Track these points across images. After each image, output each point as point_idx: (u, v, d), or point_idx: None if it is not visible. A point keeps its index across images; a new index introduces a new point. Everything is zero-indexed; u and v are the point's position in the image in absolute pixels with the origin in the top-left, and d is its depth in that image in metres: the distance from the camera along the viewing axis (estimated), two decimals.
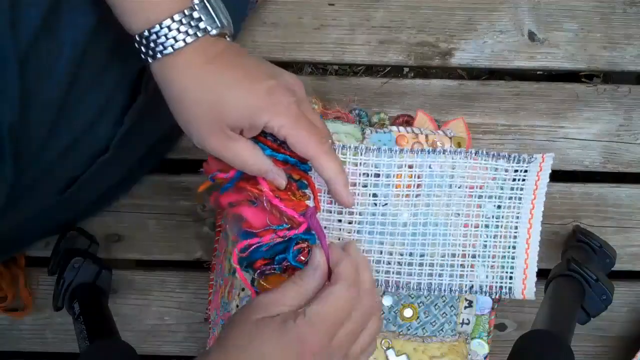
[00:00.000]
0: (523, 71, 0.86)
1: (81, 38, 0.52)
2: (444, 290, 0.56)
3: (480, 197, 0.57)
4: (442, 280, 0.56)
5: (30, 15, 0.48)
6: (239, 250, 0.49)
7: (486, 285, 0.56)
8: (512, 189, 0.57)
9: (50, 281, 0.76)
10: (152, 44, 0.47)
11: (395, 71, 0.88)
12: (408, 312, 0.76)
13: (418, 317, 0.76)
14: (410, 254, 0.55)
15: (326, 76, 0.86)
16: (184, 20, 0.47)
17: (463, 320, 0.77)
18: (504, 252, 0.57)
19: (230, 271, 0.75)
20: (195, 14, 0.48)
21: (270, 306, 0.46)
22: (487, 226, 0.57)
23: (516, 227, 0.57)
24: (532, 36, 0.83)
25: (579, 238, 0.80)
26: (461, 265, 0.57)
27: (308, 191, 0.54)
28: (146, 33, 0.47)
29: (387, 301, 0.76)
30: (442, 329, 0.76)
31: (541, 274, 0.82)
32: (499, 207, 0.57)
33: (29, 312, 0.83)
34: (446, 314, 0.76)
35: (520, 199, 0.57)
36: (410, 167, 0.56)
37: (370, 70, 0.88)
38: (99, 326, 0.69)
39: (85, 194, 0.68)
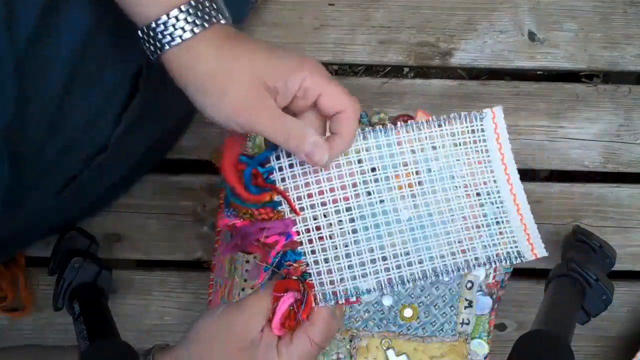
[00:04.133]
0: (523, 71, 0.86)
1: (78, 38, 0.52)
2: (450, 270, 0.53)
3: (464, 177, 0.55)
4: (445, 261, 0.54)
5: (26, 15, 0.48)
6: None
7: (493, 254, 0.54)
8: (477, 151, 0.55)
9: (50, 281, 0.76)
10: (159, 35, 0.47)
11: (395, 71, 0.88)
12: (408, 312, 0.76)
13: (418, 317, 0.76)
14: (407, 253, 0.54)
15: None
16: (191, 10, 0.47)
17: (463, 320, 0.77)
18: (498, 219, 0.55)
19: (232, 272, 0.75)
20: (203, 4, 0.47)
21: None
22: (481, 205, 0.55)
23: (498, 192, 0.55)
24: (532, 36, 0.83)
25: (578, 238, 0.80)
26: (460, 244, 0.55)
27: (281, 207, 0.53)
28: (153, 25, 0.47)
29: (387, 301, 0.76)
30: (442, 329, 0.77)
31: (541, 274, 0.83)
32: (471, 175, 0.55)
33: (29, 312, 0.83)
34: (446, 314, 0.76)
35: (489, 162, 0.55)
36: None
37: (370, 70, 0.88)
38: (99, 326, 0.69)
39: (85, 193, 0.68)
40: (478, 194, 0.55)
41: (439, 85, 0.83)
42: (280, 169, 0.52)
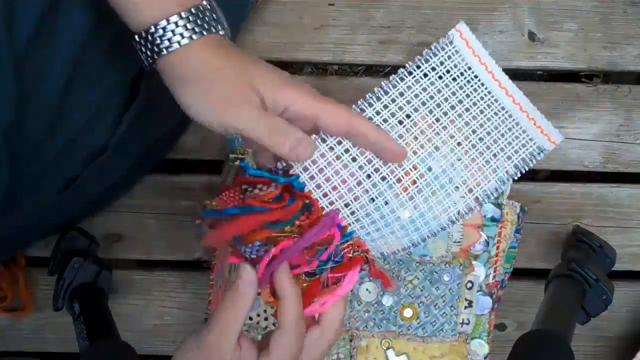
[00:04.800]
0: (523, 71, 0.86)
1: (78, 38, 0.52)
2: (482, 199, 0.53)
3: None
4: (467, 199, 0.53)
5: (26, 15, 0.48)
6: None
7: (519, 161, 0.54)
8: (462, 73, 0.54)
9: (50, 281, 0.76)
10: (157, 40, 0.46)
11: (395, 71, 0.88)
12: (408, 312, 0.76)
13: (418, 317, 0.76)
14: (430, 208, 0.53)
15: (326, 76, 0.86)
16: (191, 18, 0.46)
17: (463, 320, 0.77)
18: (509, 127, 0.55)
19: (232, 272, 0.75)
20: (203, 13, 0.47)
21: None
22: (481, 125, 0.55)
23: (496, 100, 0.55)
24: (532, 36, 0.83)
25: (579, 238, 0.80)
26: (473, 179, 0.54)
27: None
28: (152, 29, 0.46)
29: (387, 301, 0.76)
30: (442, 329, 0.77)
31: (541, 274, 0.83)
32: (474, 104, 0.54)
33: (29, 312, 0.83)
34: (446, 314, 0.76)
35: (477, 77, 0.55)
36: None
37: (370, 70, 0.88)
38: (99, 326, 0.69)
39: (85, 194, 0.68)
40: (479, 113, 0.54)
41: None
42: (306, 168, 0.51)
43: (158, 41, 0.46)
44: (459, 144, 0.53)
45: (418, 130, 0.53)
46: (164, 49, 0.46)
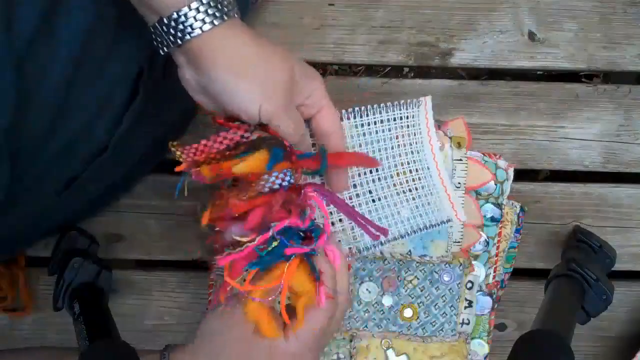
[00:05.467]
0: (523, 71, 0.86)
1: (78, 38, 0.52)
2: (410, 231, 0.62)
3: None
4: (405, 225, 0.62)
5: (26, 15, 0.48)
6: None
7: (426, 222, 0.62)
8: (416, 141, 0.64)
9: (50, 281, 0.76)
10: (180, 26, 0.47)
11: (395, 71, 0.88)
12: (408, 312, 0.76)
13: (418, 317, 0.76)
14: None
15: (326, 76, 0.86)
16: (212, 3, 0.48)
17: (463, 320, 0.77)
18: (431, 191, 0.63)
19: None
20: None
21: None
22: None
23: (428, 168, 0.64)
24: (532, 36, 0.83)
25: (579, 238, 0.80)
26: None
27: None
28: (175, 15, 0.47)
29: (387, 301, 0.76)
30: (442, 329, 0.77)
31: (541, 274, 0.83)
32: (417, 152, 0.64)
33: (29, 312, 0.83)
34: (446, 314, 0.76)
35: (422, 144, 0.64)
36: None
37: (370, 70, 0.88)
38: (99, 326, 0.69)
39: (85, 193, 0.68)
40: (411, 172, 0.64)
41: (439, 85, 0.83)
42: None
43: (181, 27, 0.47)
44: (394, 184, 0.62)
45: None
46: (187, 34, 0.48)
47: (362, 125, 0.60)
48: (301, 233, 0.52)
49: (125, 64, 0.57)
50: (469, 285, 0.77)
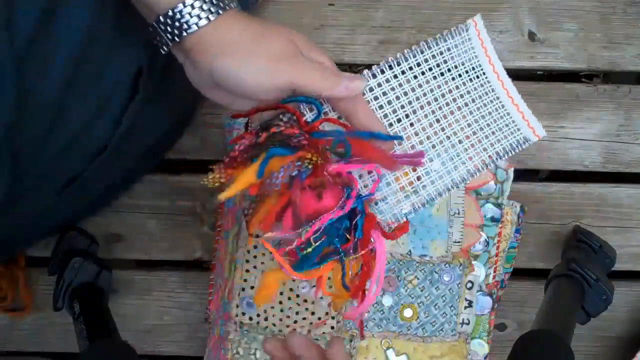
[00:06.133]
0: (523, 71, 0.86)
1: (78, 38, 0.52)
2: (463, 176, 0.56)
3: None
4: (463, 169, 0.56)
5: (26, 15, 0.48)
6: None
7: (502, 148, 0.57)
8: (473, 67, 0.59)
9: (50, 281, 0.76)
10: (177, 23, 0.47)
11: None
12: (408, 312, 0.76)
13: (418, 317, 0.76)
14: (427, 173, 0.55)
15: None
16: None
17: (463, 320, 0.77)
18: (501, 115, 0.59)
19: (232, 272, 0.75)
20: None
21: None
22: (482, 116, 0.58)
23: (493, 90, 0.59)
24: (532, 36, 0.83)
25: (579, 238, 0.80)
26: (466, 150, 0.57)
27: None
28: (170, 13, 0.47)
29: (387, 301, 0.76)
30: (442, 329, 0.76)
31: (541, 274, 0.83)
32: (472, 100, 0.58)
33: (29, 312, 0.83)
34: (446, 314, 0.76)
35: (481, 67, 0.59)
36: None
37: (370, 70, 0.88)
38: (98, 326, 0.69)
39: (85, 193, 0.68)
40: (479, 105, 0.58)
41: None
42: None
43: (178, 24, 0.47)
44: (458, 126, 0.57)
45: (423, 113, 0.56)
46: (184, 32, 0.47)
47: (398, 75, 0.55)
48: (347, 221, 0.49)
49: (125, 64, 0.57)
50: (469, 285, 0.77)
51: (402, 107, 0.54)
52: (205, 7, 0.48)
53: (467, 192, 0.76)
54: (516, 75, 0.87)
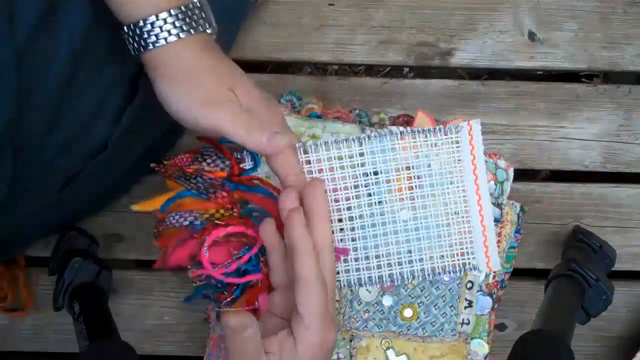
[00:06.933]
0: (523, 71, 0.86)
1: (78, 36, 0.52)
2: (406, 277, 0.57)
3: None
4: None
5: (26, 11, 0.48)
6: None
7: (449, 264, 0.57)
8: (450, 170, 0.56)
9: (50, 281, 0.76)
10: (145, 35, 0.48)
11: (395, 71, 0.88)
12: (408, 312, 0.76)
13: (418, 317, 0.76)
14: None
15: (326, 76, 0.86)
16: (180, 16, 0.48)
17: (463, 320, 0.77)
18: (461, 229, 0.57)
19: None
20: (192, 11, 0.48)
21: None
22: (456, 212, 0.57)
23: (464, 197, 0.57)
24: (532, 36, 0.83)
25: (578, 238, 0.80)
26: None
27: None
28: (141, 23, 0.47)
29: (387, 301, 0.76)
30: (442, 329, 0.76)
31: (541, 274, 0.83)
32: (450, 183, 0.56)
33: (29, 312, 0.83)
34: (446, 314, 0.76)
35: (460, 171, 0.57)
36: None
37: (370, 70, 0.88)
38: (98, 326, 0.69)
39: (85, 192, 0.68)
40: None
41: (439, 85, 0.83)
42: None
43: (145, 35, 0.48)
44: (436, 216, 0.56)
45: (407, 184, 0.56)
46: (150, 44, 0.48)
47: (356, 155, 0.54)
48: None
49: (124, 63, 0.57)
50: (469, 285, 0.77)
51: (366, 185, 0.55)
52: (177, 23, 0.48)
53: None
54: (516, 75, 0.87)
